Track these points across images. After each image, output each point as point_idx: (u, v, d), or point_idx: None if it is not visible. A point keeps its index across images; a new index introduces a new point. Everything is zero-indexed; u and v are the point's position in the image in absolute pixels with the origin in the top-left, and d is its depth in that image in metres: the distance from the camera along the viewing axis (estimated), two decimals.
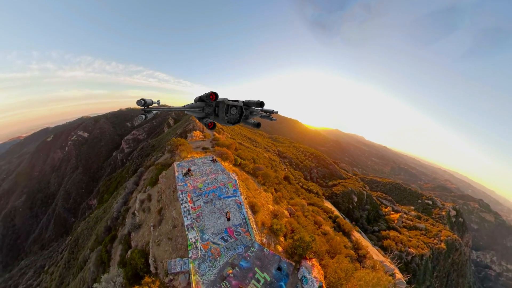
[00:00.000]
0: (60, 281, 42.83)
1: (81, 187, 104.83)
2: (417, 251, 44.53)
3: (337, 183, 67.09)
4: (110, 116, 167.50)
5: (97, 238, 38.41)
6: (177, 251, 21.95)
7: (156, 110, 4.45)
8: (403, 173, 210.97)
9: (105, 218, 41.74)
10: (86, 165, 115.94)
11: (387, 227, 52.93)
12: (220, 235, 23.43)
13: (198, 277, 19.34)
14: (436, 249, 48.08)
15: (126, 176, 62.85)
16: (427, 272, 44.60)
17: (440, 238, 52.02)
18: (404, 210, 64.90)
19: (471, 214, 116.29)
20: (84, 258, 39.11)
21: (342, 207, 54.44)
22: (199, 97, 5.31)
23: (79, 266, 39.76)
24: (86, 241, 43.99)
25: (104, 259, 30.70)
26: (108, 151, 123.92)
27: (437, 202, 72.67)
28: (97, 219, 47.49)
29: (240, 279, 19.32)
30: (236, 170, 39.88)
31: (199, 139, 65.21)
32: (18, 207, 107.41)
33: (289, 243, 24.74)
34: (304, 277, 20.85)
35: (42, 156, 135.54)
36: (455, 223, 66.95)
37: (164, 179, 35.73)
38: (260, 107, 5.61)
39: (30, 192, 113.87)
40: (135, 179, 47.75)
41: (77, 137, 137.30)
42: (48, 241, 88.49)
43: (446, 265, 50.64)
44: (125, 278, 20.94)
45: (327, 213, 43.92)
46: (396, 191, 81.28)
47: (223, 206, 27.54)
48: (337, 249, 28.68)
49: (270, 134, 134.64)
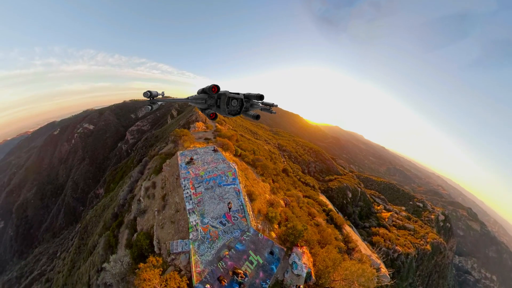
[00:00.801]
0: (72, 265, 45.02)
1: (88, 177, 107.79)
2: (404, 249, 45.90)
3: (333, 178, 68.07)
4: (115, 108, 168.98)
5: (105, 225, 40.02)
6: (179, 233, 23.06)
7: (161, 101, 4.86)
8: (398, 174, 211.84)
9: (112, 205, 43.24)
10: (93, 156, 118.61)
11: (378, 224, 54.05)
12: (218, 219, 24.66)
13: (197, 257, 20.67)
14: (422, 249, 49.42)
15: (131, 165, 64.34)
16: (411, 270, 46.19)
17: (427, 240, 53.31)
18: (395, 209, 65.96)
19: (459, 221, 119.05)
20: (93, 243, 40.93)
21: (336, 201, 55.48)
22: (202, 89, 5.50)
23: (88, 251, 41.68)
24: (95, 227, 45.80)
25: (112, 243, 32.17)
26: (113, 142, 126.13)
27: (427, 206, 73.93)
28: (105, 207, 49.18)
29: (235, 260, 20.95)
30: (236, 160, 40.69)
31: (201, 130, 65.85)
32: (30, 199, 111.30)
33: (282, 231, 26.08)
34: (294, 263, 22.33)
35: (49, 149, 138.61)
36: (443, 228, 68.34)
37: (168, 167, 36.78)
38: (260, 100, 5.74)
39: (40, 184, 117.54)
40: (140, 168, 48.93)
41: (83, 130, 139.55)
42: (59, 229, 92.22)
43: (429, 266, 52.35)
44: (131, 258, 22.17)
45: (322, 206, 44.88)
46: (389, 191, 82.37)
47: (222, 193, 28.65)
48: (328, 240, 30.05)
49: (271, 127, 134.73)
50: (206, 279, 18.92)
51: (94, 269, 33.43)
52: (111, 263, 22.08)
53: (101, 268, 30.95)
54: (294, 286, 20.60)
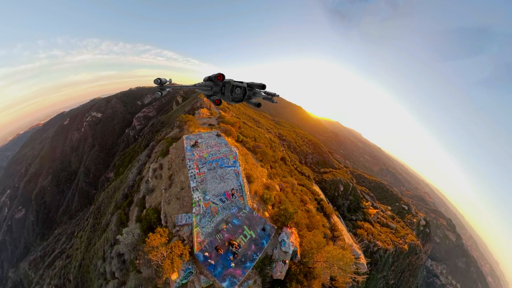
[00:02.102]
0: (88, 242, 48.50)
1: (99, 162, 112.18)
2: (383, 245, 48.60)
3: (328, 171, 69.35)
4: (121, 95, 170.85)
5: (116, 204, 42.55)
6: (183, 208, 24.76)
7: (169, 88, 5.28)
8: (389, 175, 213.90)
9: (122, 187, 45.60)
10: (102, 143, 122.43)
11: (364, 219, 56.06)
12: (219, 197, 26.41)
13: (198, 229, 22.65)
14: (399, 248, 52.14)
15: (139, 150, 66.61)
16: (387, 265, 49.24)
17: (405, 240, 55.89)
18: (382, 208, 67.69)
19: (438, 229, 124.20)
20: (106, 221, 43.80)
21: (328, 193, 57.11)
22: (208, 77, 5.75)
23: (102, 229, 44.72)
24: (107, 207, 48.65)
25: (123, 220, 34.54)
26: (121, 128, 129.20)
27: (412, 209, 76.18)
28: (115, 189, 51.84)
29: (231, 233, 22.98)
30: (237, 145, 41.81)
31: (205, 116, 66.74)
32: (46, 186, 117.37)
33: (275, 211, 27.86)
34: (283, 241, 24.28)
35: (61, 138, 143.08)
36: (422, 232, 71.13)
37: (174, 149, 38.36)
38: (262, 89, 5.87)
39: (54, 172, 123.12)
40: (147, 152, 50.81)
41: (92, 118, 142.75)
42: (75, 211, 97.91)
43: (403, 264, 55.47)
44: (141, 230, 24.13)
45: (314, 195, 46.29)
46: (379, 190, 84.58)
47: (223, 173, 30.15)
48: (316, 226, 31.67)
49: (273, 117, 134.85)
50: (205, 248, 20.81)
51: (108, 244, 36.17)
52: (123, 235, 24.10)
53: (114, 242, 33.52)
54: (281, 261, 22.61)
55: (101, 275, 33.57)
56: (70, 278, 45.36)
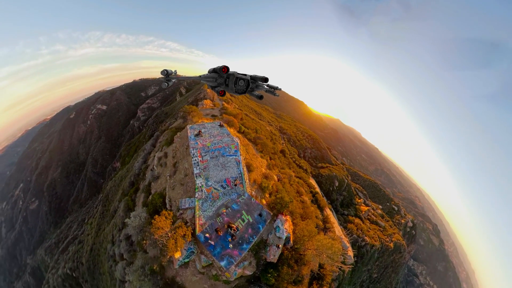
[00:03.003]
0: (98, 228, 50.75)
1: (105, 153, 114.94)
2: (371, 241, 50.84)
3: (325, 166, 70.52)
4: (125, 87, 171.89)
5: (123, 192, 44.14)
6: (187, 193, 25.85)
7: (175, 79, 5.42)
8: (383, 176, 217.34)
9: (129, 175, 47.10)
10: (108, 134, 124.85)
11: (355, 215, 57.94)
12: (220, 183, 27.60)
13: (200, 212, 23.93)
14: (385, 245, 54.59)
15: (144, 140, 67.99)
16: (372, 259, 51.78)
17: (392, 238, 58.17)
18: (373, 206, 69.14)
19: (423, 232, 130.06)
20: (114, 208, 45.59)
21: (323, 187, 58.52)
22: (213, 69, 5.93)
23: (111, 215, 46.62)
24: (115, 195, 50.47)
25: (130, 206, 36.00)
26: (125, 120, 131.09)
27: (401, 211, 77.92)
28: (122, 178, 53.54)
29: (230, 217, 24.31)
30: (239, 136, 42.52)
31: (209, 107, 67.17)
32: (57, 178, 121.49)
33: (271, 199, 28.94)
34: (277, 227, 25.49)
35: (68, 132, 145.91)
36: (408, 233, 73.83)
37: (178, 139, 39.34)
38: (264, 82, 6.01)
39: (63, 164, 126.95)
40: (152, 142, 51.94)
41: (97, 111, 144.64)
42: (85, 200, 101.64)
43: (387, 260, 58.23)
44: (147, 213, 25.38)
45: (310, 188, 47.14)
46: (372, 189, 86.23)
47: (225, 162, 31.17)
48: (309, 216, 32.75)
49: (275, 110, 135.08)
50: (206, 230, 22.11)
51: (116, 228, 37.90)
52: (131, 218, 25.41)
53: (122, 227, 35.15)
54: (275, 245, 23.93)
55: (111, 258, 35.44)
56: (82, 261, 47.90)
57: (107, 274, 38.32)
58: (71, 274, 49.62)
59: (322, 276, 30.04)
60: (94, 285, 43.38)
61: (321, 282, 29.62)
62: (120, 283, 29.35)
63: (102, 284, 40.22)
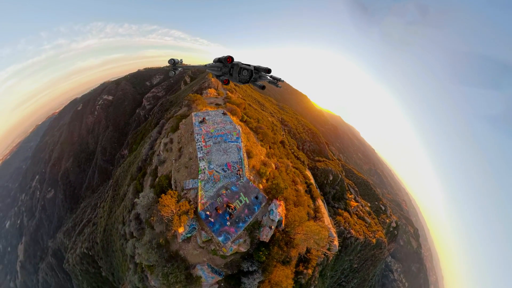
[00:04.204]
0: (109, 211, 53.79)
1: (113, 142, 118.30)
2: (356, 234, 54.46)
3: (322, 160, 72.28)
4: (130, 77, 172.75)
5: (132, 176, 46.35)
6: (191, 175, 27.41)
7: (182, 67, 5.65)
8: (376, 176, 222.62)
9: (136, 161, 49.18)
10: (115, 124, 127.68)
11: (344, 209, 60.92)
12: (221, 166, 29.13)
13: (202, 192, 25.71)
14: (368, 240, 58.25)
15: (149, 128, 69.87)
16: (354, 251, 55.79)
17: (375, 235, 61.78)
18: (362, 203, 71.87)
19: (404, 234, 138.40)
20: (124, 192, 48.12)
21: (318, 179, 60.53)
22: (218, 59, 6.08)
23: (121, 199, 49.27)
24: (124, 180, 52.99)
25: (139, 189, 38.06)
26: (131, 109, 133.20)
27: (387, 211, 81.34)
28: (130, 164, 55.85)
29: (229, 198, 26.01)
30: (241, 124, 43.50)
31: (213, 96, 67.80)
32: (69, 167, 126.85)
33: (268, 185, 30.42)
34: (271, 210, 27.18)
35: (77, 123, 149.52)
36: (390, 232, 78.12)
37: (184, 125, 40.70)
38: (267, 73, 6.14)
39: (75, 154, 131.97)
40: (158, 129, 53.52)
41: (103, 101, 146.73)
42: (96, 186, 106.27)
43: (368, 254, 62.46)
44: (155, 193, 27.20)
45: (305, 179, 48.49)
46: (363, 187, 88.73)
47: (227, 147, 32.59)
48: (301, 204, 34.22)
49: (278, 102, 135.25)
50: (207, 208, 23.88)
51: (126, 210, 40.35)
52: (140, 198, 27.30)
53: (132, 208, 37.45)
54: (268, 226, 25.86)
55: (122, 236, 38.08)
56: (97, 241, 51.35)
57: (119, 251, 41.31)
58: (88, 252, 53.41)
59: (308, 260, 32.77)
60: (108, 262, 46.86)
61: (307, 264, 32.43)
62: (130, 258, 31.91)
63: (115, 260, 43.45)
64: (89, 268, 53.74)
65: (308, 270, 32.35)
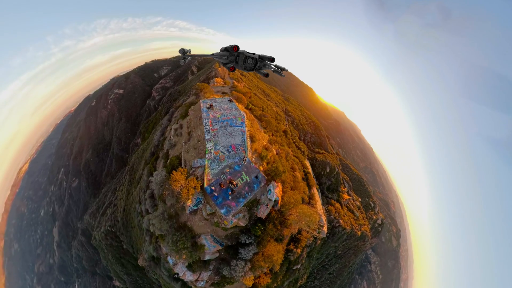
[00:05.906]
0: (127, 192, 58.70)
1: (127, 132, 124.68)
2: (344, 224, 58.55)
3: (321, 152, 73.71)
4: (138, 70, 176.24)
5: (146, 161, 50.29)
6: (199, 155, 30.45)
7: (191, 56, 6.18)
8: (370, 175, 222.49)
9: (149, 147, 53.00)
10: (127, 115, 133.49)
11: (337, 200, 64.54)
12: (226, 148, 32.13)
13: (209, 170, 28.94)
14: (354, 232, 62.57)
15: (160, 117, 73.53)
16: (340, 239, 60.22)
17: (361, 228, 66.15)
18: (354, 197, 75.84)
19: (387, 232, 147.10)
20: (139, 175, 52.39)
21: (316, 170, 63.16)
22: (224, 48, 6.56)
23: (136, 182, 53.72)
24: (139, 165, 57.30)
25: (152, 171, 41.57)
26: (142, 100, 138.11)
27: (376, 208, 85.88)
28: (144, 150, 59.98)
29: (232, 175, 29.12)
30: (246, 111, 45.72)
31: (219, 85, 69.80)
32: (89, 158, 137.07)
33: (268, 167, 33.05)
34: (269, 190, 29.92)
35: (92, 118, 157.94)
36: (375, 228, 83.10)
37: (192, 111, 43.55)
38: (271, 62, 6.29)
39: (93, 146, 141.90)
40: (168, 117, 56.76)
41: (115, 95, 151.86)
42: (114, 172, 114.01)
43: (352, 244, 67.31)
44: (167, 172, 30.47)
45: (303, 168, 50.63)
46: (357, 183, 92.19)
47: (232, 131, 35.36)
48: (298, 188, 36.57)
49: (283, 93, 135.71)
50: (212, 184, 27.12)
51: (142, 190, 44.33)
52: (154, 176, 30.71)
53: (147, 188, 41.32)
54: (265, 204, 28.64)
55: (139, 214, 42.40)
56: (118, 219, 56.73)
57: (136, 227, 46.03)
58: (111, 229, 59.28)
59: (299, 241, 36.13)
60: (128, 236, 52.17)
61: (297, 244, 35.83)
62: (146, 231, 36.05)
63: (134, 234, 48.45)
64: (113, 243, 60.00)
65: (297, 249, 35.92)
